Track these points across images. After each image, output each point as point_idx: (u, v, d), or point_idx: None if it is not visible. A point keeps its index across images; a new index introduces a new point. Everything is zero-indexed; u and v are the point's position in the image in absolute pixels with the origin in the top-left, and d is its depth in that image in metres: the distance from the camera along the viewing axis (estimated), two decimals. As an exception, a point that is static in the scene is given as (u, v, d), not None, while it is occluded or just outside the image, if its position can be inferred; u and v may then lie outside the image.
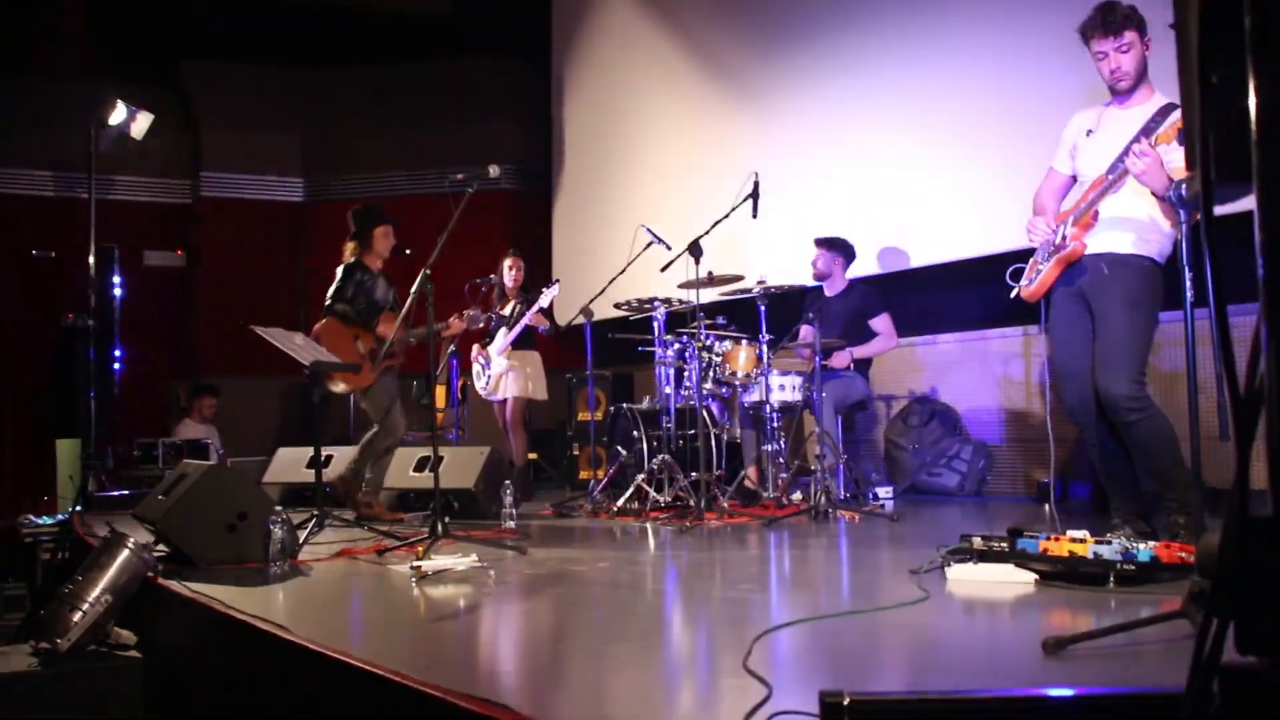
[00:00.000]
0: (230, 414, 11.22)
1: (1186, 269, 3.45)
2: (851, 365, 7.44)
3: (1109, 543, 3.59)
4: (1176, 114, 4.24)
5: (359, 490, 6.92)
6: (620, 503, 6.88)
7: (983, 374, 7.95)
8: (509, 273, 8.59)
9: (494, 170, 5.60)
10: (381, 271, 7.29)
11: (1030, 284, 4.74)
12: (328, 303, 7.11)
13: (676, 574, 4.57)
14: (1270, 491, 1.26)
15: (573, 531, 6.22)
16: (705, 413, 6.89)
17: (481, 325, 7.29)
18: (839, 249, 7.68)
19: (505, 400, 8.40)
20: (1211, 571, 1.92)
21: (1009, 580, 3.70)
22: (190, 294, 12.57)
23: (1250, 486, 1.26)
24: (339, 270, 7.21)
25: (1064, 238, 4.57)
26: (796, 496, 6.93)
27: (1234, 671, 1.27)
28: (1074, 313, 4.64)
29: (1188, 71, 1.40)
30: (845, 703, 1.68)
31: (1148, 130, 4.31)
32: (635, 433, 7.30)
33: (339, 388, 6.99)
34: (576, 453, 9.30)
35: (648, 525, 6.33)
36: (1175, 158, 4.20)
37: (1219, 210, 1.41)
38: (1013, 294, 4.85)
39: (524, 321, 8.16)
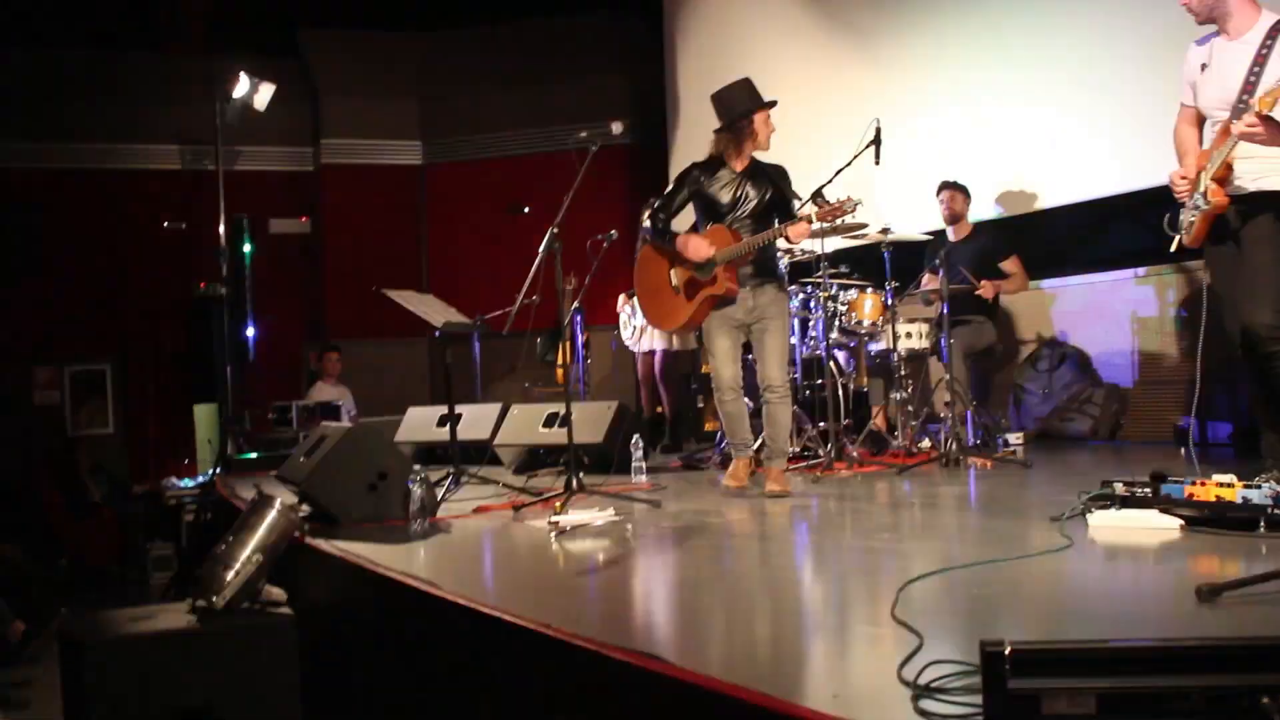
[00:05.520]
0: (360, 376, 11.46)
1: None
2: (997, 296, 7.34)
3: (1258, 487, 3.50)
4: None
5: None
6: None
7: (1114, 316, 7.74)
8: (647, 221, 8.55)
9: (617, 127, 5.60)
10: (749, 167, 5.71)
11: (1187, 233, 4.65)
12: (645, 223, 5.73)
13: (811, 524, 4.58)
14: None
15: (703, 484, 6.24)
16: (831, 362, 6.85)
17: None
18: (966, 192, 7.54)
19: (652, 351, 8.41)
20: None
21: (1153, 526, 3.62)
22: (316, 259, 12.84)
23: None
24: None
25: (1205, 193, 4.46)
26: (925, 444, 6.86)
27: None
28: (1225, 245, 4.56)
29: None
30: (1006, 652, 1.68)
31: (1259, 59, 4.21)
32: (761, 383, 7.25)
33: (662, 337, 5.39)
34: (702, 405, 9.30)
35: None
36: None
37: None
38: (1173, 246, 4.75)
39: None
